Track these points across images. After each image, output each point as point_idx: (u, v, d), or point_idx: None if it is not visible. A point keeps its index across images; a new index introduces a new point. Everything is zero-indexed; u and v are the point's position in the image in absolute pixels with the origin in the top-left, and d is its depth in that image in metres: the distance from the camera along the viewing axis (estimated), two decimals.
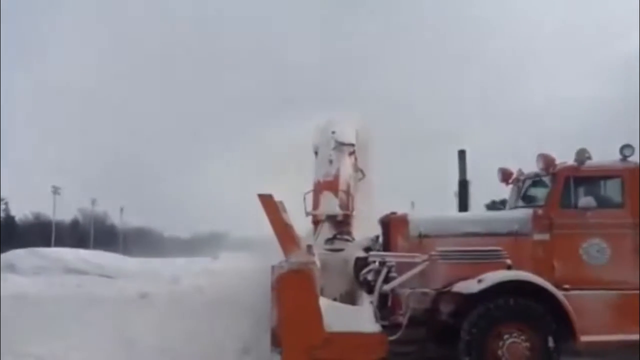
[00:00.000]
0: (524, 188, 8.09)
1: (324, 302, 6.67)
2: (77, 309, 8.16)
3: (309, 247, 7.78)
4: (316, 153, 8.56)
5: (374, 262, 7.31)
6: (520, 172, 8.37)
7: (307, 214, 7.98)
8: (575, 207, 7.29)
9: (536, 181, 7.85)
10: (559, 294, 6.91)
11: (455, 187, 8.74)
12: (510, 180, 8.54)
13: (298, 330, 6.38)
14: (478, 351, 6.75)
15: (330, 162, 8.15)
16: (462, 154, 8.47)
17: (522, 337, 6.77)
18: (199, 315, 7.94)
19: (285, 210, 8.47)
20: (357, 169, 8.89)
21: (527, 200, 7.91)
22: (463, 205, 8.35)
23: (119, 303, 8.34)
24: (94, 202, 49.18)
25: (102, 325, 7.80)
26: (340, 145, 8.29)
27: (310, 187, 8.21)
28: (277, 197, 7.40)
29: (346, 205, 7.97)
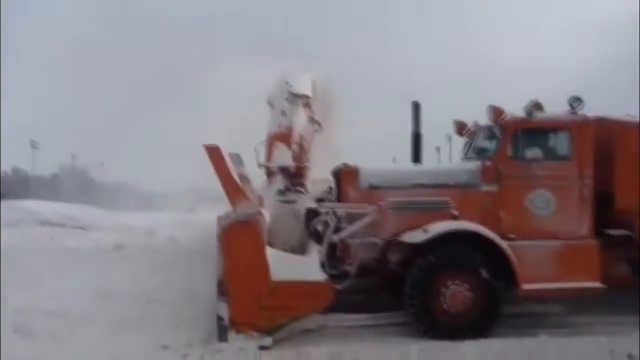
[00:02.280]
0: (476, 140, 8.13)
1: (271, 253, 6.75)
2: (52, 260, 8.14)
3: (259, 197, 7.84)
4: (270, 104, 8.47)
5: (325, 213, 7.39)
6: (475, 124, 8.39)
7: (260, 165, 7.96)
8: (523, 158, 7.34)
9: (487, 133, 7.86)
10: (503, 243, 7.04)
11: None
12: (463, 132, 8.57)
13: (245, 280, 6.49)
14: (422, 299, 6.91)
15: (284, 113, 8.07)
16: (416, 106, 8.44)
17: (465, 286, 6.94)
18: (174, 265, 7.97)
19: (242, 163, 8.46)
20: (313, 121, 8.84)
21: (478, 152, 7.95)
22: (416, 157, 8.37)
23: (94, 254, 8.34)
24: (74, 157, 48.61)
25: (77, 276, 7.81)
26: (294, 96, 8.20)
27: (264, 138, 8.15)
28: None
29: (299, 158, 7.95)
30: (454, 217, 7.17)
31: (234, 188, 6.59)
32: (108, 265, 8.11)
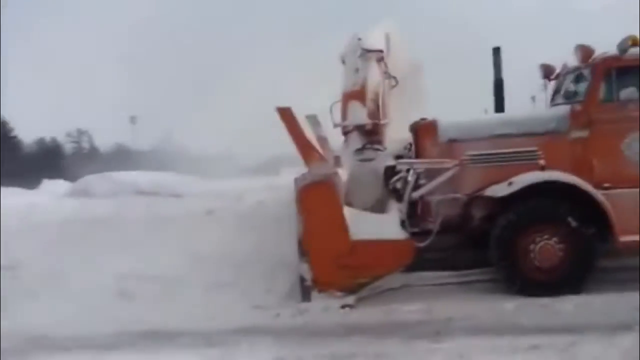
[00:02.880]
0: (565, 84, 7.56)
1: (349, 212, 6.72)
2: (148, 227, 8.57)
3: (337, 158, 7.79)
4: (344, 62, 8.30)
5: (403, 170, 7.22)
6: (564, 67, 7.80)
7: (335, 125, 7.88)
8: (617, 100, 6.75)
9: (577, 75, 7.28)
10: (597, 193, 6.57)
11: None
12: (552, 77, 8.00)
13: (323, 240, 6.52)
14: (510, 257, 6.62)
15: (357, 70, 7.89)
16: (496, 51, 7.95)
17: (555, 239, 6.57)
18: (263, 228, 8.17)
19: (319, 124, 8.42)
20: (388, 76, 8.60)
21: (568, 96, 7.40)
22: (499, 106, 7.93)
23: (186, 220, 8.70)
24: (170, 131, 50.79)
25: (172, 241, 8.19)
26: (366, 52, 7.98)
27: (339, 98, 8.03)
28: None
29: (375, 114, 7.78)
30: (542, 168, 6.76)
31: (307, 149, 6.57)
32: (201, 230, 8.42)
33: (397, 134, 8.24)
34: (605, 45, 6.99)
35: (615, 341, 5.15)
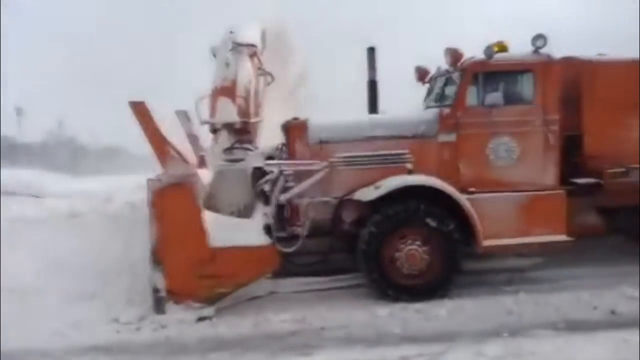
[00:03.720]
0: (436, 87, 7.51)
1: (209, 217, 6.26)
2: (3, 232, 7.67)
3: (201, 157, 7.31)
4: (215, 56, 7.81)
5: (272, 171, 6.87)
6: (438, 70, 7.77)
7: (202, 122, 7.38)
8: (483, 105, 6.74)
9: (447, 79, 7.25)
10: (461, 197, 6.54)
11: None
12: (426, 79, 7.95)
13: (180, 247, 6.04)
14: (375, 260, 6.45)
15: (228, 65, 7.44)
16: (371, 51, 7.77)
17: (418, 242, 6.47)
18: (131, 232, 7.51)
19: (189, 120, 7.87)
20: (264, 72, 8.22)
21: (438, 100, 7.35)
22: (372, 107, 7.76)
23: (47, 223, 7.87)
24: (60, 123, 47.69)
25: (28, 248, 7.36)
26: (238, 46, 7.55)
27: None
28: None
29: (245, 112, 7.36)
30: (409, 171, 6.64)
31: (161, 147, 6.03)
32: (62, 234, 7.64)
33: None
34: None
35: (483, 350, 5.08)
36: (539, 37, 6.63)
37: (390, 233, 6.40)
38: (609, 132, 6.95)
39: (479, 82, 6.75)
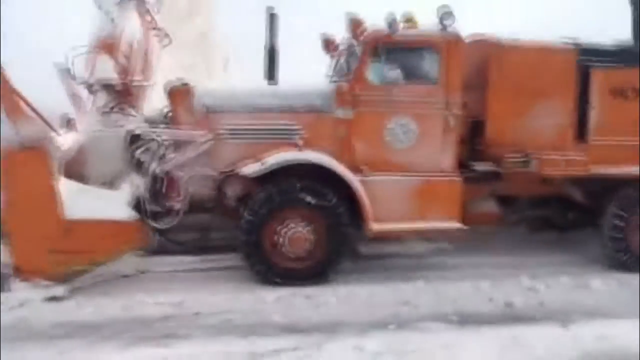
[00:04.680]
0: (340, 59, 6.99)
1: (69, 186, 5.58)
2: None
3: (70, 120, 6.59)
4: (100, 8, 7.00)
5: (149, 139, 6.20)
6: (344, 41, 7.22)
7: (78, 81, 6.62)
8: (383, 81, 6.26)
9: (351, 51, 6.72)
10: (352, 177, 6.09)
11: None
12: (332, 50, 7.40)
13: (30, 219, 5.35)
14: (256, 241, 5.95)
15: (112, 19, 6.67)
16: (272, 17, 7.14)
17: (308, 228, 6.02)
18: None
19: (72, 77, 7.08)
20: (159, 32, 7.49)
21: (340, 73, 6.83)
22: (271, 76, 7.17)
23: None
24: None
25: None
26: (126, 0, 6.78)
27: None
28: None
29: (128, 72, 6.63)
30: (299, 147, 6.13)
31: (12, 105, 5.28)
32: None
33: None
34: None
35: (363, 344, 4.68)
36: (447, 13, 6.19)
37: (268, 218, 5.91)
38: (512, 119, 6.63)
39: (381, 56, 6.25)
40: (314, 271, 6.11)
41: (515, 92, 6.61)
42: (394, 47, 6.28)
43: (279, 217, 5.94)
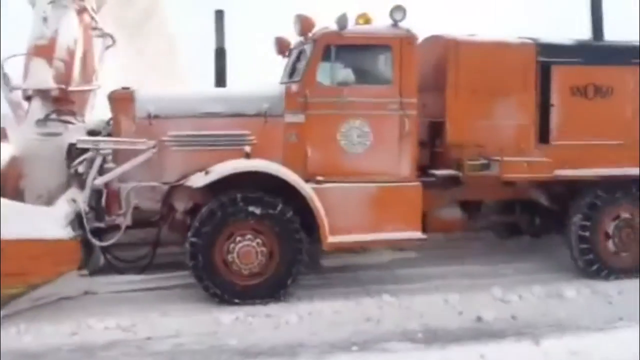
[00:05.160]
0: (291, 60, 6.66)
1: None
2: None
3: (2, 130, 6.17)
4: (33, 6, 6.59)
5: (94, 149, 5.81)
6: (296, 42, 6.89)
7: (11, 87, 6.20)
8: (334, 82, 5.96)
9: (301, 51, 6.40)
10: (304, 186, 5.78)
11: None
12: (286, 52, 7.07)
13: None
14: (205, 262, 5.61)
15: (45, 19, 6.25)
16: (219, 15, 6.79)
17: (258, 240, 5.69)
18: None
19: (9, 82, 6.66)
20: (103, 33, 7.09)
21: (290, 75, 6.51)
22: (220, 79, 6.82)
23: None
24: None
25: None
26: None
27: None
28: None
29: (66, 78, 6.22)
30: (247, 155, 5.80)
31: None
32: None
33: None
34: None
35: None
36: (397, 8, 5.90)
37: (214, 236, 5.58)
38: (472, 120, 6.38)
39: (331, 56, 5.93)
40: (272, 286, 5.79)
41: (474, 92, 6.37)
42: (345, 46, 5.98)
43: (225, 232, 5.61)
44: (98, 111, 6.90)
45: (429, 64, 6.44)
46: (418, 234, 6.07)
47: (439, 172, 6.33)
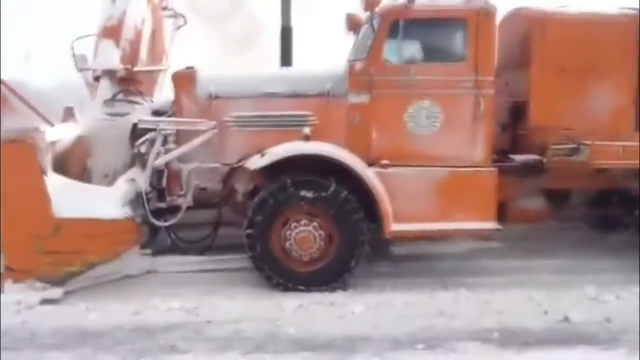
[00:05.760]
0: (359, 38, 6.28)
1: (57, 181, 5.26)
2: None
3: (69, 109, 6.30)
4: None
5: (151, 130, 5.80)
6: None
7: (79, 68, 6.30)
8: (402, 60, 5.52)
9: (368, 28, 5.99)
10: (365, 170, 5.43)
11: None
12: (358, 30, 6.68)
13: (19, 216, 5.05)
14: (263, 249, 5.42)
15: (114, 1, 6.30)
16: None
17: (314, 224, 5.42)
18: None
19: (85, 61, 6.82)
20: (174, 13, 7.08)
21: (358, 53, 6.12)
22: (285, 59, 6.57)
23: None
24: None
25: None
26: None
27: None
28: None
29: (131, 58, 6.24)
30: (307, 137, 5.53)
31: None
32: None
33: None
34: None
35: None
36: None
37: (268, 224, 5.37)
38: (560, 101, 5.72)
39: (399, 32, 5.49)
40: (335, 270, 5.48)
41: (563, 70, 5.71)
42: (414, 21, 5.51)
43: (280, 219, 5.39)
44: (168, 91, 6.92)
45: (513, 40, 5.85)
46: (492, 224, 5.54)
47: (519, 157, 5.74)
